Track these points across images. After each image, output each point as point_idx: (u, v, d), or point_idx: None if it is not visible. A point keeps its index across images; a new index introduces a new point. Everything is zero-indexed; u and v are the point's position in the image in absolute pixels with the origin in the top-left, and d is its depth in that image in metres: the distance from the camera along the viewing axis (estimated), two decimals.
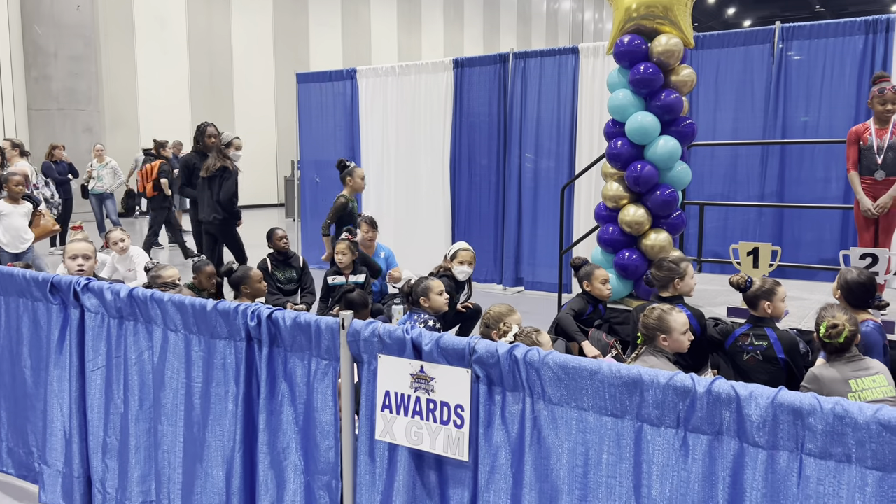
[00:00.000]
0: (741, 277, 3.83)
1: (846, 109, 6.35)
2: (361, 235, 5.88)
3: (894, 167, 4.54)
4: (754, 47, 6.80)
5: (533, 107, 8.03)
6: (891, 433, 1.42)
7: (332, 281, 5.41)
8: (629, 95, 5.02)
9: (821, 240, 6.55)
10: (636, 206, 5.08)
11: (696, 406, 1.64)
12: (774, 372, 3.64)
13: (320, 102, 9.64)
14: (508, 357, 1.91)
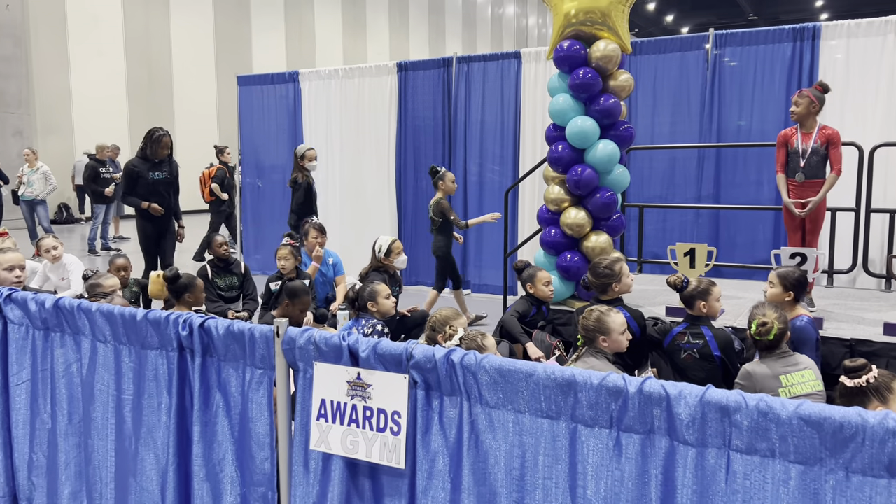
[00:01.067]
0: (678, 278, 3.92)
1: (777, 114, 6.58)
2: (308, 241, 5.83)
3: (816, 170, 4.72)
4: (689, 53, 6.99)
5: (477, 110, 8.08)
6: (812, 428, 1.47)
7: (275, 287, 5.33)
8: (569, 100, 5.10)
9: (754, 240, 6.77)
10: (577, 209, 5.15)
11: (628, 406, 1.66)
12: (710, 369, 3.73)
13: (262, 105, 9.49)
14: (445, 361, 1.90)
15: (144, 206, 6.28)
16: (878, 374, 2.38)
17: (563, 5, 5.05)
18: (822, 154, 4.71)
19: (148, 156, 6.41)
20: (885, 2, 25.46)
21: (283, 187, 9.47)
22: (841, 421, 1.44)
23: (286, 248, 5.37)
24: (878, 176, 5.87)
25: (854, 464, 1.44)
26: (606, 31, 4.97)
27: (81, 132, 15.97)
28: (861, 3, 26.28)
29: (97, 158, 11.19)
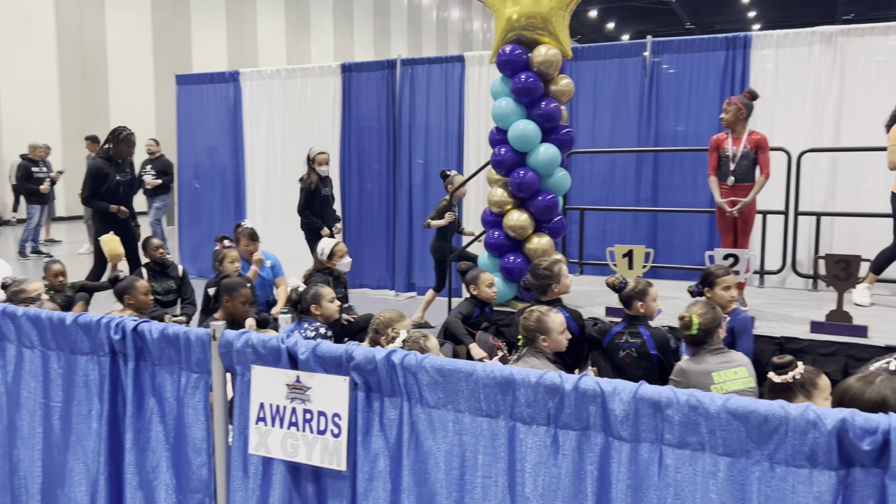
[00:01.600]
0: (616, 279, 4.01)
1: (711, 119, 6.79)
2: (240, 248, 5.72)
3: (746, 174, 4.91)
4: (628, 60, 7.16)
5: (422, 113, 8.09)
6: (739, 421, 1.52)
7: (214, 292, 5.21)
8: (511, 104, 5.15)
9: (690, 242, 6.97)
10: (520, 212, 5.22)
11: (564, 403, 1.69)
12: (648, 367, 3.83)
13: (201, 105, 9.29)
14: (386, 362, 1.90)
15: (113, 210, 6.06)
16: (804, 370, 2.49)
17: (506, 10, 5.11)
18: (751, 158, 4.89)
19: (112, 156, 6.17)
20: (813, 13, 26.61)
21: (221, 189, 9.29)
22: (766, 414, 1.49)
23: (235, 251, 5.30)
24: (805, 180, 6.12)
25: (778, 455, 1.49)
26: (547, 37, 5.05)
27: (11, 131, 15.31)
28: (791, 14, 27.40)
29: (30, 158, 10.82)
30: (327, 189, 6.92)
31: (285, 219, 8.85)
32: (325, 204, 6.86)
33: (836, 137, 6.46)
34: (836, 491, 1.45)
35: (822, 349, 4.22)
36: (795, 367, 2.47)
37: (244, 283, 4.50)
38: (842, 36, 6.41)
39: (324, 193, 6.82)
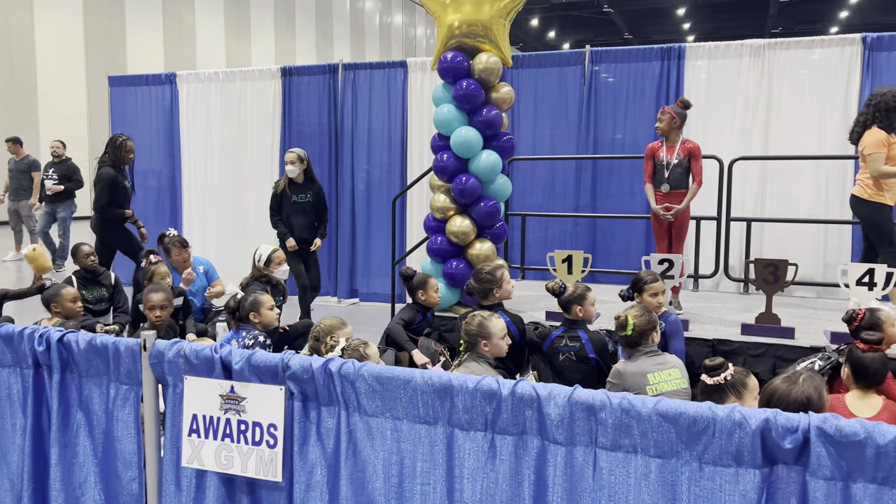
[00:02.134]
0: (556, 283, 4.07)
1: (648, 128, 6.97)
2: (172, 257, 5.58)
3: (680, 181, 5.06)
4: (568, 68, 7.29)
5: (364, 118, 8.06)
6: (669, 423, 1.56)
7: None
8: (453, 110, 5.18)
9: (627, 248, 7.13)
10: (462, 218, 5.24)
11: (501, 408, 1.71)
12: (587, 371, 3.89)
13: (136, 108, 9.03)
14: (323, 371, 1.88)
15: (129, 215, 6.32)
16: (734, 372, 2.57)
17: (447, 17, 5.14)
18: (685, 166, 5.04)
19: (115, 164, 6.23)
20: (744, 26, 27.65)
21: (157, 194, 9.05)
22: (694, 415, 1.54)
23: (164, 266, 5.13)
24: (736, 187, 6.34)
25: (706, 455, 1.54)
26: (488, 44, 5.10)
27: None
28: (722, 26, 28.39)
29: None
30: (301, 196, 6.20)
31: (223, 224, 8.68)
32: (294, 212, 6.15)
33: (764, 146, 6.72)
34: (760, 488, 1.50)
35: (752, 350, 4.37)
36: (726, 369, 2.54)
37: (163, 287, 4.44)
38: (769, 49, 6.67)
39: (294, 200, 6.16)
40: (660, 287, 4.09)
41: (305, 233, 6.21)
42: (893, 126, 4.77)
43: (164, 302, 4.33)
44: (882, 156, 4.72)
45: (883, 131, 4.76)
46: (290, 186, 6.14)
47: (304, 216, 6.20)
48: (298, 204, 6.17)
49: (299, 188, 6.18)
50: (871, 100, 4.89)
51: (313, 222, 6.30)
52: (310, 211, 6.23)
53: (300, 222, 6.19)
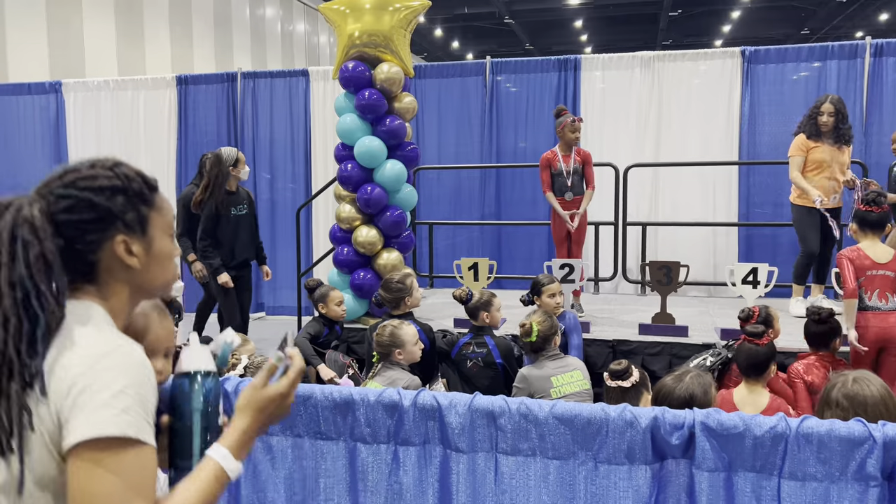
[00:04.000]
0: (463, 291, 4.11)
1: (547, 137, 7.17)
2: None
3: (579, 188, 5.24)
4: (469, 78, 7.41)
5: (265, 127, 7.90)
6: (565, 425, 1.61)
7: None
8: (356, 120, 5.16)
9: (531, 254, 7.31)
10: (368, 228, 5.22)
11: (404, 420, 1.71)
12: (494, 376, 3.95)
13: (17, 118, 8.51)
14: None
15: None
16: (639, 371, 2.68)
17: (347, 27, 5.12)
18: (580, 173, 5.23)
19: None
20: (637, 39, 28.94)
21: None
22: (588, 417, 1.59)
23: None
24: (631, 193, 6.62)
25: (601, 454, 1.60)
26: (389, 54, 5.11)
27: None
28: (617, 38, 29.62)
29: None
30: (240, 208, 5.24)
31: None
32: (237, 229, 5.22)
33: (656, 153, 7.06)
34: (652, 484, 1.57)
35: (650, 349, 4.57)
36: (632, 373, 2.63)
37: None
38: (658, 61, 7.02)
39: (233, 214, 5.19)
40: (556, 288, 4.22)
41: (248, 252, 5.33)
42: (814, 135, 4.97)
43: None
44: (797, 160, 4.99)
45: (803, 136, 5.01)
46: (225, 198, 5.11)
47: (245, 232, 5.27)
48: (238, 218, 5.20)
49: (235, 198, 5.19)
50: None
51: (254, 238, 5.42)
52: (250, 224, 5.35)
53: (244, 240, 5.24)
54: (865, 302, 3.67)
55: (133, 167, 1.23)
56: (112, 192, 1.15)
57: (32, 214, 1.06)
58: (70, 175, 1.14)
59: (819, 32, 24.67)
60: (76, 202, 1.12)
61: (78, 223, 1.11)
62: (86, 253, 1.12)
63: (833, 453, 1.48)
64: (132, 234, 1.15)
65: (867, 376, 2.08)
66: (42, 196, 1.11)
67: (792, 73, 6.80)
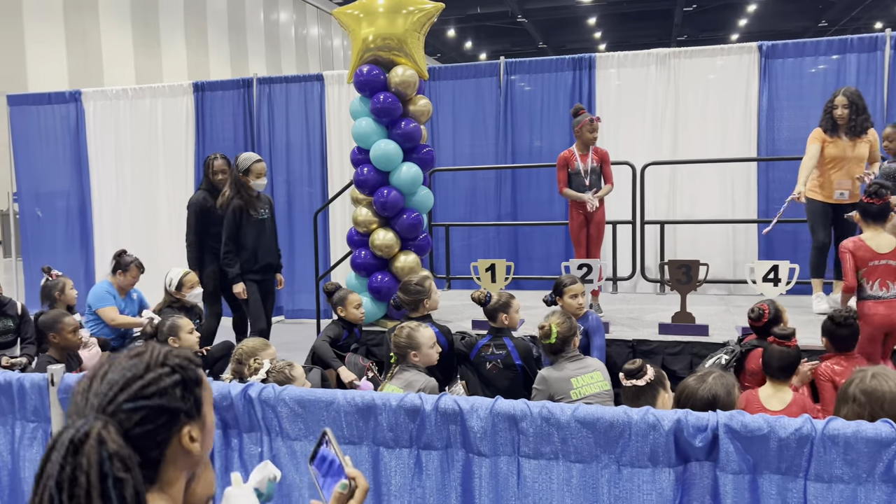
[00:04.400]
0: (481, 293, 4.11)
1: (563, 136, 7.15)
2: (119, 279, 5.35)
3: (598, 187, 5.23)
4: (484, 79, 7.41)
5: (282, 132, 7.95)
6: (587, 429, 1.61)
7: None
8: (371, 123, 5.17)
9: (549, 254, 7.29)
10: (385, 231, 5.23)
11: (426, 424, 1.72)
12: (513, 378, 3.94)
13: (39, 127, 8.61)
14: (243, 398, 1.84)
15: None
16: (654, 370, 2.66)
17: (361, 31, 5.13)
18: (598, 172, 5.22)
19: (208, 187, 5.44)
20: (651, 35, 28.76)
21: (66, 216, 8.66)
22: (611, 420, 1.59)
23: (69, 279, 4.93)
24: (649, 191, 6.57)
25: (624, 457, 1.59)
26: (403, 58, 5.12)
27: None
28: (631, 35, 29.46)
29: None
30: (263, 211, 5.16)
31: (138, 246, 8.34)
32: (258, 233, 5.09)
33: (673, 150, 7.00)
34: (675, 486, 1.57)
35: (670, 349, 4.54)
36: (646, 372, 2.62)
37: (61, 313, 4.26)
38: (674, 58, 6.97)
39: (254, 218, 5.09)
40: (579, 289, 4.21)
41: (271, 256, 5.21)
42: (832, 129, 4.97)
43: (77, 324, 4.19)
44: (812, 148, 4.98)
45: (819, 129, 5.02)
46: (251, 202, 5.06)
47: (268, 236, 5.16)
48: (261, 222, 5.11)
49: (258, 202, 5.12)
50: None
51: (275, 243, 5.32)
52: (272, 229, 5.25)
53: (266, 244, 5.12)
54: (867, 291, 3.76)
55: (177, 350, 1.18)
56: (174, 387, 1.12)
57: (116, 443, 0.99)
58: (134, 384, 1.09)
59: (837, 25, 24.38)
60: (148, 412, 1.08)
61: (151, 431, 1.08)
62: (156, 456, 1.09)
63: (860, 455, 1.46)
64: (193, 420, 1.14)
65: (886, 372, 2.05)
66: (111, 415, 1.05)
67: (810, 66, 6.72)
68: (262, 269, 5.19)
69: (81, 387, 1.10)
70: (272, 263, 5.24)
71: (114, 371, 1.11)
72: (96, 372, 1.12)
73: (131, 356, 1.13)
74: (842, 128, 4.92)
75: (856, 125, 4.89)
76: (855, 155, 4.94)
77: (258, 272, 5.17)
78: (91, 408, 1.06)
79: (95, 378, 1.10)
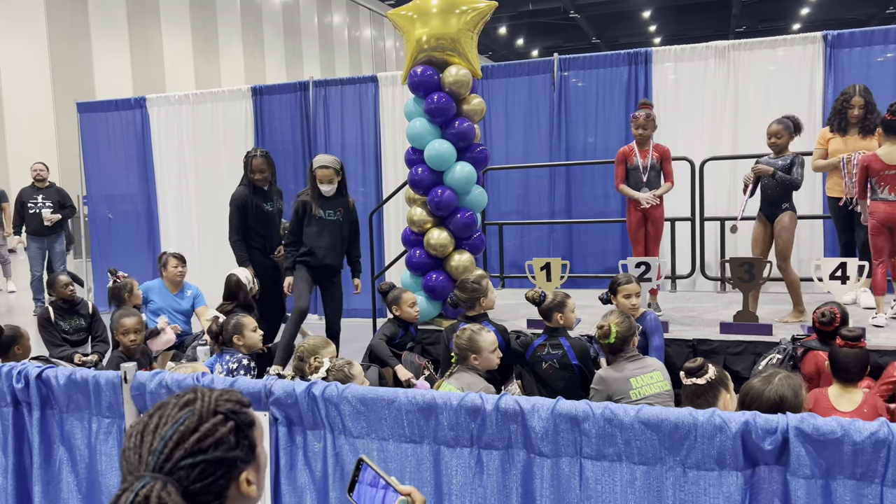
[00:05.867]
0: (535, 292, 4.09)
1: (618, 132, 7.05)
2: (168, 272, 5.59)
3: (656, 184, 5.13)
4: (537, 76, 7.36)
5: (337, 134, 8.07)
6: (651, 430, 1.58)
7: None
8: (425, 124, 5.20)
9: (605, 251, 7.19)
10: (440, 230, 5.26)
11: (486, 423, 1.72)
12: (570, 378, 3.91)
13: (107, 133, 8.96)
14: (307, 395, 1.88)
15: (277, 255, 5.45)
16: (715, 370, 2.60)
17: (415, 32, 5.17)
18: (658, 169, 5.12)
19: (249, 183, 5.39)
20: (708, 26, 28.07)
21: (134, 218, 8.98)
22: (676, 421, 1.56)
23: (134, 280, 5.13)
24: (708, 187, 6.43)
25: (689, 460, 1.56)
26: (457, 57, 5.13)
27: None
28: (688, 27, 28.81)
29: None
30: (329, 213, 5.13)
31: (203, 246, 8.62)
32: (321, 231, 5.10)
33: (734, 145, 6.82)
34: (743, 490, 1.53)
35: (732, 349, 4.43)
36: (707, 371, 2.56)
37: (126, 312, 4.43)
38: (734, 50, 6.79)
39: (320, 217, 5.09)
40: (633, 289, 4.14)
41: (333, 257, 5.15)
42: (840, 128, 5.16)
43: (138, 326, 4.33)
44: (818, 152, 5.29)
45: (826, 129, 5.27)
46: (317, 200, 5.08)
47: (332, 237, 5.12)
48: (326, 222, 5.10)
49: (328, 202, 5.12)
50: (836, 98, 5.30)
51: (343, 245, 5.25)
52: (339, 231, 5.17)
53: (327, 244, 5.09)
54: (878, 194, 4.53)
55: (226, 393, 1.16)
56: (229, 434, 1.10)
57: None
58: (189, 439, 1.07)
59: None
60: (206, 465, 1.06)
61: (210, 484, 1.06)
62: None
63: None
64: (249, 465, 1.12)
65: None
66: (168, 473, 1.04)
67: (878, 55, 6.45)
68: (320, 269, 5.16)
69: (133, 443, 1.07)
70: (332, 265, 5.17)
71: (165, 424, 1.08)
72: (146, 426, 1.08)
73: (181, 405, 1.11)
74: (854, 126, 5.14)
75: (869, 123, 5.11)
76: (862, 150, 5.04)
77: (315, 269, 5.16)
78: (147, 466, 1.04)
79: (146, 433, 1.07)
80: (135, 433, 1.08)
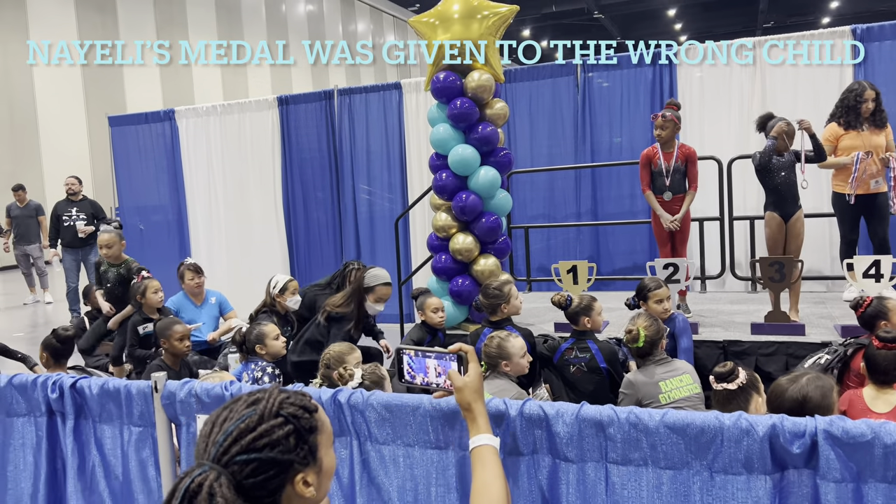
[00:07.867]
0: (562, 296, 4.07)
1: (643, 133, 6.99)
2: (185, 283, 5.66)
3: (680, 187, 5.07)
4: (560, 79, 7.33)
5: (362, 141, 8.13)
6: (677, 434, 1.57)
7: (144, 330, 5.09)
8: (449, 129, 5.22)
9: (632, 252, 7.13)
10: (465, 235, 5.27)
11: (510, 429, 1.72)
12: (598, 381, 3.89)
13: (138, 146, 9.15)
14: (332, 402, 1.89)
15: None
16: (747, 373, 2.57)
17: (437, 38, 5.19)
18: (682, 171, 5.05)
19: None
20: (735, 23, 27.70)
21: (166, 229, 9.14)
22: (702, 425, 1.55)
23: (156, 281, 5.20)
24: (736, 186, 6.34)
25: (716, 464, 1.55)
26: (479, 62, 5.14)
27: None
28: (714, 24, 28.47)
29: None
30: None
31: (231, 254, 8.74)
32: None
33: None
34: (772, 494, 1.51)
35: (764, 350, 4.36)
36: (737, 375, 2.53)
37: (173, 320, 4.47)
38: (760, 46, 6.69)
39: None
40: (664, 293, 4.10)
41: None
42: (851, 124, 5.15)
43: (187, 332, 4.37)
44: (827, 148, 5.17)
45: (835, 125, 5.26)
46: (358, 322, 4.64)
47: None
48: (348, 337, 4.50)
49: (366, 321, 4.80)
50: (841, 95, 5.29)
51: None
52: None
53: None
54: None
55: (293, 396, 1.20)
56: (287, 437, 1.14)
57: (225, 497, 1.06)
58: (246, 437, 1.12)
59: None
60: (259, 464, 1.11)
61: (263, 481, 1.11)
62: (270, 503, 1.13)
63: None
64: (307, 467, 1.16)
65: None
66: (225, 465, 1.10)
67: None
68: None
69: (205, 431, 1.15)
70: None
71: (230, 420, 1.14)
72: (217, 417, 1.16)
73: (248, 403, 1.17)
74: (866, 120, 5.15)
75: (878, 116, 5.14)
76: (875, 144, 5.10)
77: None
78: (208, 456, 1.12)
79: (216, 424, 1.15)
80: (208, 423, 1.16)
